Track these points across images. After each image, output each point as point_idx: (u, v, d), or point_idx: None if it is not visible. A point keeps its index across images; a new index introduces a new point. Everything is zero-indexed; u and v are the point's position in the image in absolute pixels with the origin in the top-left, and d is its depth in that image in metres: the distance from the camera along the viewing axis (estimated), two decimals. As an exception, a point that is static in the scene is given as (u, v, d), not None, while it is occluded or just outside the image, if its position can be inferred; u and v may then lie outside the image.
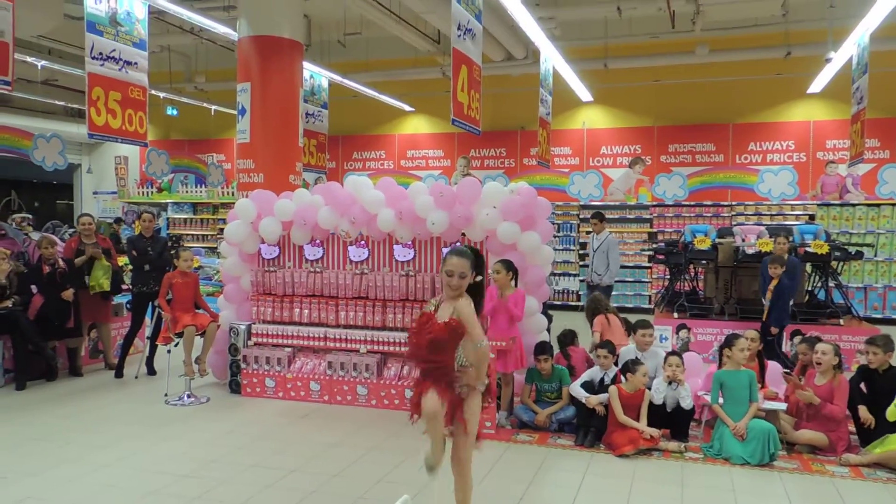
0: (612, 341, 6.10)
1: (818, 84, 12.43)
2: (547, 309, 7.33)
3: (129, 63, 7.54)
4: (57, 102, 16.01)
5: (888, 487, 4.70)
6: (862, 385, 5.58)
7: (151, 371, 7.79)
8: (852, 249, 9.14)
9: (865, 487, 4.71)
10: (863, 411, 5.33)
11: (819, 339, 6.02)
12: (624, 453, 5.18)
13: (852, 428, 5.51)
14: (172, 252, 7.74)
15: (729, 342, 5.50)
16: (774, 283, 7.26)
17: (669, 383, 5.49)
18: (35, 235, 8.87)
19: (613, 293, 13.13)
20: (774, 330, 7.28)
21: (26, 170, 14.31)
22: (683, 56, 12.76)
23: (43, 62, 12.05)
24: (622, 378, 5.54)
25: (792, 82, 13.23)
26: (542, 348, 5.97)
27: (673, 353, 5.72)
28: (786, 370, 6.01)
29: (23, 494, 4.41)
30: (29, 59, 11.73)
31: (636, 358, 5.76)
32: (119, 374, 7.74)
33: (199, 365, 6.94)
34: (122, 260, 11.22)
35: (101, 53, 7.21)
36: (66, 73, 13.46)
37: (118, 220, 15.25)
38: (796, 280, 7.92)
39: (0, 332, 7.09)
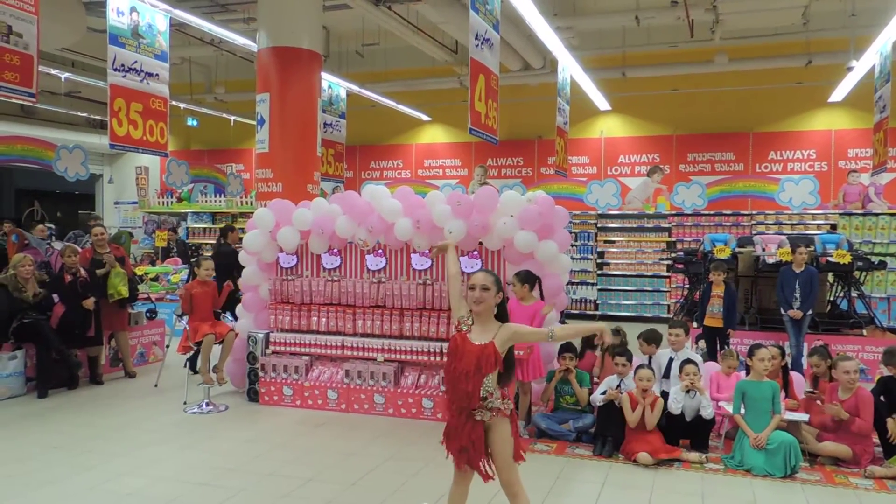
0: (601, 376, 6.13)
1: (840, 93, 12.30)
2: (564, 318, 7.30)
3: (150, 74, 7.65)
4: (80, 114, 16.25)
5: (914, 501, 4.61)
6: (881, 397, 5.49)
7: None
8: (875, 259, 9.02)
9: (890, 500, 4.62)
10: (892, 424, 5.23)
11: (825, 348, 5.95)
12: (636, 459, 5.16)
13: (876, 440, 5.41)
14: (193, 260, 7.80)
15: (750, 352, 5.45)
16: (722, 288, 7.42)
17: (687, 392, 5.43)
18: (58, 245, 9.00)
19: (632, 302, 13.16)
20: (732, 332, 7.53)
21: (49, 180, 14.53)
22: (702, 65, 12.69)
23: (66, 74, 12.26)
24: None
25: (813, 91, 13.11)
26: (568, 346, 6.00)
27: (689, 361, 5.67)
28: (809, 390, 5.92)
29: (43, 502, 4.45)
30: (53, 71, 11.94)
31: (642, 363, 5.82)
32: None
33: (216, 373, 6.98)
34: (142, 270, 11.35)
35: (123, 65, 7.33)
36: (88, 85, 13.67)
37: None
38: (815, 291, 7.83)
39: (24, 341, 7.18)
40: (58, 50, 12.23)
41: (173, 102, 10.80)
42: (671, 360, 6.03)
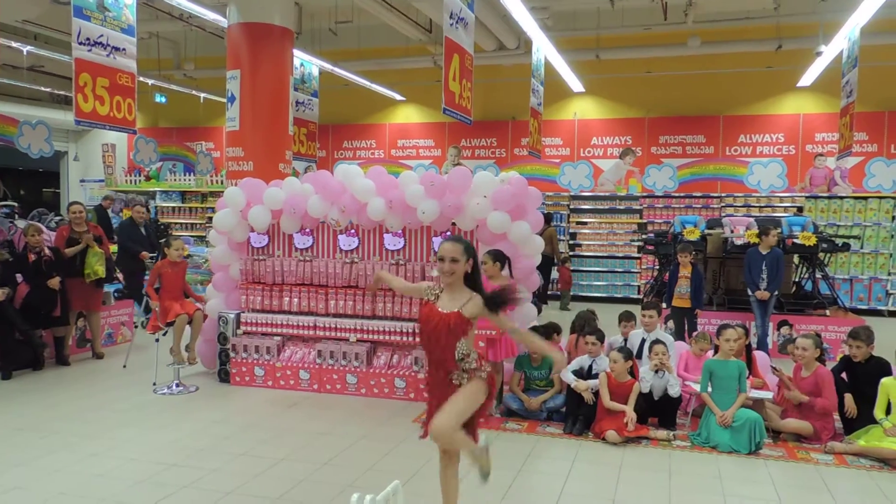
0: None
1: (808, 77, 12.48)
2: (536, 298, 7.35)
3: (116, 49, 7.45)
4: (43, 89, 15.80)
5: (871, 474, 4.77)
6: (843, 374, 5.64)
7: None
8: (839, 241, 9.22)
9: (849, 474, 4.77)
10: (849, 400, 5.39)
11: (819, 336, 6.06)
12: (605, 437, 5.24)
13: (836, 416, 5.57)
14: (162, 241, 7.69)
15: (718, 332, 5.56)
16: (689, 269, 7.61)
17: (656, 371, 5.53)
18: (21, 223, 8.79)
19: (602, 283, 13.30)
20: (699, 312, 7.74)
21: (12, 157, 14.13)
22: (675, 48, 12.76)
23: (28, 48, 11.89)
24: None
25: (782, 75, 13.27)
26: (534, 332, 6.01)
27: (658, 341, 5.76)
28: (773, 366, 6.07)
29: (10, 484, 4.39)
30: (14, 44, 11.57)
31: (622, 346, 5.86)
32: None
33: (187, 353, 6.92)
34: (113, 248, 11.14)
35: (88, 39, 7.12)
36: (52, 59, 13.28)
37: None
38: (781, 271, 7.98)
39: (-15, 321, 7.03)
40: (19, 22, 11.85)
41: (141, 78, 10.58)
42: (643, 340, 6.13)
